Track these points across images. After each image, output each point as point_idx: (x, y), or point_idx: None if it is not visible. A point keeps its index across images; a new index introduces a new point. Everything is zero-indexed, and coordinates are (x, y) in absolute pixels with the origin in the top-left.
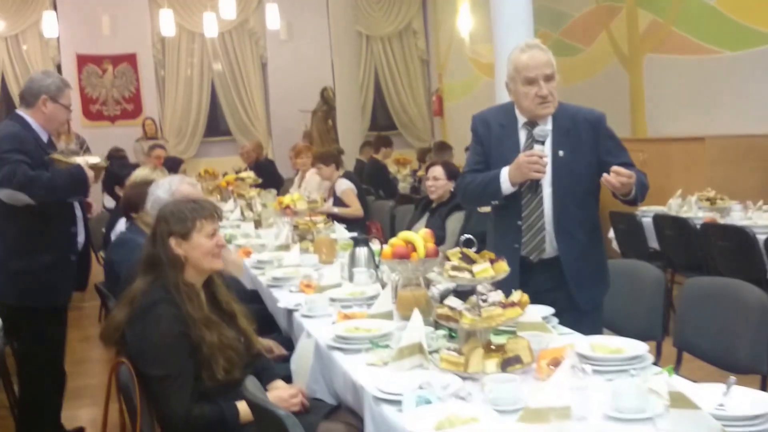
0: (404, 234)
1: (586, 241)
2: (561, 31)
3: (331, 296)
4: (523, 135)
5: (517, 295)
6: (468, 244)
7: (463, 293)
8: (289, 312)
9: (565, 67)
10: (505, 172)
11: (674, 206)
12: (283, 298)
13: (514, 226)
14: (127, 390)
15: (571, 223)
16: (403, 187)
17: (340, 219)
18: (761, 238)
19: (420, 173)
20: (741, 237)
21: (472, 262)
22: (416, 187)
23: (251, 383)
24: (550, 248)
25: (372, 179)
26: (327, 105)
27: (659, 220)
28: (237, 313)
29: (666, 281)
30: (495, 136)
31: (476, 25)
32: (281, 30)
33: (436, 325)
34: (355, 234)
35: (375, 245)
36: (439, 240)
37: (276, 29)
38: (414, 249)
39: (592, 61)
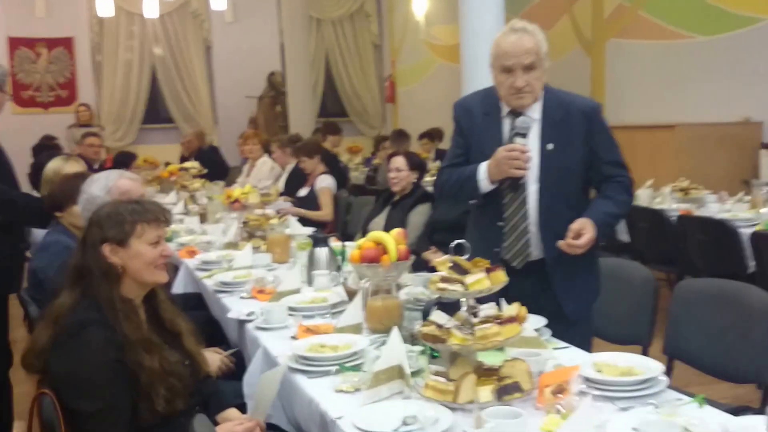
0: (374, 234)
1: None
2: (522, 14)
3: (289, 304)
4: (506, 125)
5: (513, 309)
6: (458, 250)
7: (448, 306)
8: (241, 323)
9: None
10: (483, 169)
11: (644, 197)
12: (233, 306)
13: (494, 227)
14: (51, 427)
15: (559, 224)
16: (356, 176)
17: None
18: (744, 232)
19: (376, 162)
20: (721, 231)
21: (464, 272)
22: (371, 177)
23: (200, 425)
24: (536, 251)
25: None
26: (275, 90)
27: (633, 211)
28: (183, 333)
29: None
30: (478, 126)
31: (432, 6)
32: (227, 12)
33: (413, 340)
34: (313, 231)
35: (335, 244)
36: None
37: (221, 10)
38: (385, 251)
39: (552, 45)
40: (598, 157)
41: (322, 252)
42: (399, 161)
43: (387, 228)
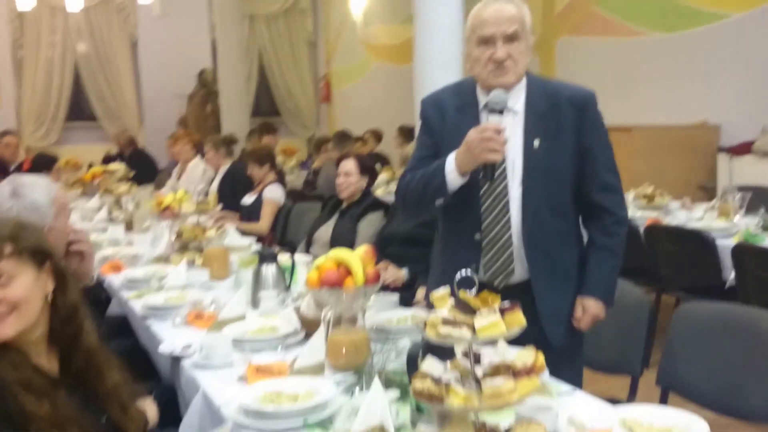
0: (336, 253)
1: (565, 260)
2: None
3: (234, 335)
4: (485, 118)
5: (528, 355)
6: (465, 284)
7: (442, 350)
8: (176, 359)
9: None
10: (451, 159)
11: None
12: (165, 336)
13: (470, 241)
14: None
15: (545, 236)
16: (291, 180)
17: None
18: (720, 243)
19: (315, 165)
20: (696, 242)
21: (471, 311)
22: (311, 181)
23: None
24: (521, 269)
25: None
26: (205, 89)
27: None
28: (111, 391)
29: (650, 303)
30: (450, 122)
31: (371, 5)
32: (154, 5)
33: (387, 382)
34: (254, 243)
35: (284, 259)
36: (349, 245)
37: (148, 4)
38: (348, 273)
39: None
40: (592, 158)
41: (269, 270)
42: (349, 165)
43: (334, 238)
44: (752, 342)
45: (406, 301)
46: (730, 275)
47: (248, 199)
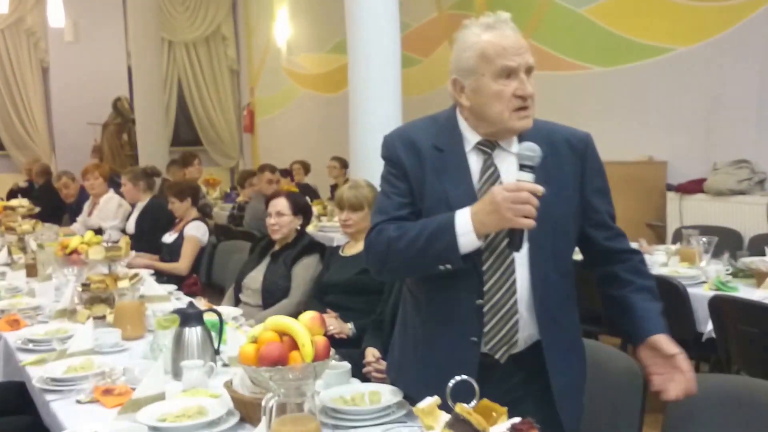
0: (276, 321)
1: (571, 326)
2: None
3: (151, 421)
4: (475, 161)
5: None
6: (462, 392)
7: None
8: None
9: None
10: (464, 219)
11: None
12: (66, 419)
13: (470, 307)
14: None
15: (552, 299)
16: (216, 213)
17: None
18: (692, 292)
19: (241, 199)
20: (667, 291)
21: (473, 430)
22: (236, 216)
23: None
24: (523, 341)
25: None
26: (121, 117)
27: None
28: None
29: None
30: (430, 165)
31: (295, 33)
32: (66, 30)
33: None
34: (174, 291)
35: (210, 317)
36: (283, 292)
37: (59, 28)
38: (294, 346)
39: (429, 74)
40: (592, 207)
41: (192, 334)
42: (280, 204)
43: (266, 286)
44: (757, 416)
45: (354, 359)
46: (706, 327)
47: (169, 237)
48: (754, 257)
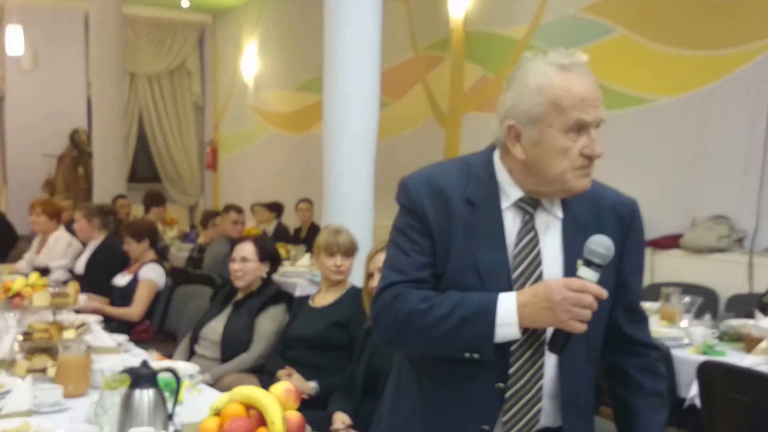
0: (243, 392)
1: (590, 411)
2: None
3: None
4: (512, 222)
5: None
6: None
7: None
8: None
9: None
10: (508, 306)
11: None
12: None
13: (488, 390)
14: None
15: (576, 388)
16: (173, 254)
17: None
18: (675, 355)
19: (201, 241)
20: None
21: None
22: (196, 258)
23: None
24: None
25: None
26: (78, 150)
27: None
28: None
29: None
30: (461, 221)
31: (263, 69)
32: (24, 58)
33: None
34: (125, 342)
35: (166, 377)
36: (245, 346)
37: (17, 56)
38: (262, 421)
39: (398, 117)
40: (626, 287)
41: (144, 397)
42: (246, 249)
43: (226, 337)
44: None
45: (318, 423)
46: (689, 393)
47: (121, 280)
48: (741, 319)
